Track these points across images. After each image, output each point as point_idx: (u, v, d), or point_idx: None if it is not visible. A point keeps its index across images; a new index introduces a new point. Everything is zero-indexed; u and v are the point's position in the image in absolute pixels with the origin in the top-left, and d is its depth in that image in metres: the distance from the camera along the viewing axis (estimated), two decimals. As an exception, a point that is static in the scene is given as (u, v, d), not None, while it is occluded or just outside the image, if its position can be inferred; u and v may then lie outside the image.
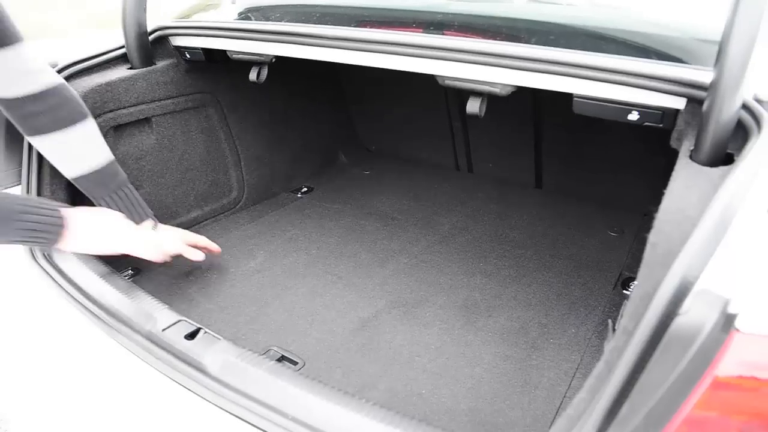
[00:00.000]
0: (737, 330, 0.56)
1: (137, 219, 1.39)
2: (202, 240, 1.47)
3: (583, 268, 1.53)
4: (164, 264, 1.37)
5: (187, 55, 1.58)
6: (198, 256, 1.41)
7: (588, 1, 1.31)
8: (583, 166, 1.86)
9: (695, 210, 0.72)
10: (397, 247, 1.65)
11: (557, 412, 1.09)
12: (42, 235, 1.12)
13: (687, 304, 0.62)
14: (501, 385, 1.16)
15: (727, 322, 0.57)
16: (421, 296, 1.44)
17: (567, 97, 1.04)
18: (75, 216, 1.16)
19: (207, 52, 1.53)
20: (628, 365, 0.63)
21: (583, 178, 1.87)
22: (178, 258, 1.39)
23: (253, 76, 1.53)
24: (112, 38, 1.55)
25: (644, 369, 0.62)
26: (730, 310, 0.58)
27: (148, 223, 1.41)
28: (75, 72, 1.41)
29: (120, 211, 1.34)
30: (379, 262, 1.58)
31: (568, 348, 1.25)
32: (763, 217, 0.68)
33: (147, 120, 1.57)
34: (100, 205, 1.33)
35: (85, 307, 1.11)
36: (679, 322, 0.61)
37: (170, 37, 1.58)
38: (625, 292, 1.42)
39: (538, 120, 1.83)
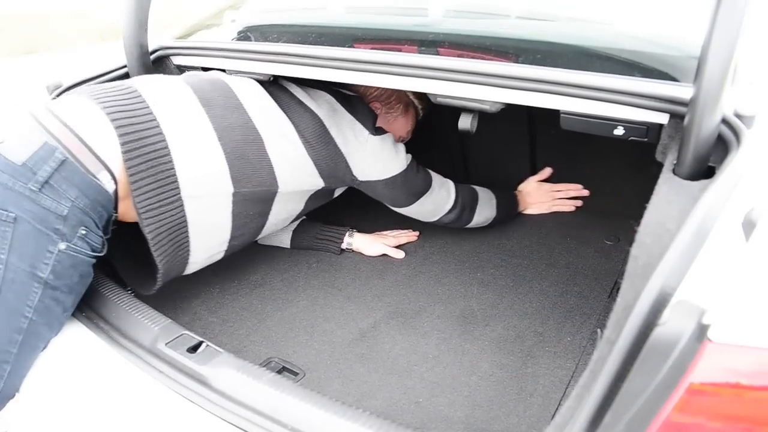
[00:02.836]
0: (710, 340, 0.59)
1: (338, 242, 1.72)
2: (402, 238, 1.77)
3: (579, 276, 1.56)
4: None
5: (188, 74, 1.62)
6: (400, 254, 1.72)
7: (576, 17, 1.34)
8: (579, 175, 1.89)
9: (675, 223, 0.75)
10: (393, 259, 1.68)
11: (552, 418, 1.11)
12: (514, 213, 1.85)
13: (666, 314, 0.64)
14: (497, 393, 1.19)
15: (701, 332, 0.60)
16: (419, 306, 1.47)
17: (558, 111, 1.08)
18: (521, 193, 1.88)
19: (206, 71, 1.57)
20: (611, 374, 0.66)
21: (578, 187, 1.90)
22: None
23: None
24: (116, 53, 1.59)
25: (626, 377, 0.65)
26: (705, 320, 0.61)
27: (348, 238, 1.73)
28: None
29: (325, 244, 1.72)
30: (378, 273, 1.61)
31: (564, 356, 1.28)
32: (737, 229, 0.71)
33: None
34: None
35: (89, 320, 1.14)
36: (658, 332, 0.64)
37: (171, 57, 1.62)
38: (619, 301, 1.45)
39: (533, 131, 1.86)
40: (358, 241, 1.70)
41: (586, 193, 1.89)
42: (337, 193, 1.62)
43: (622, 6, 1.37)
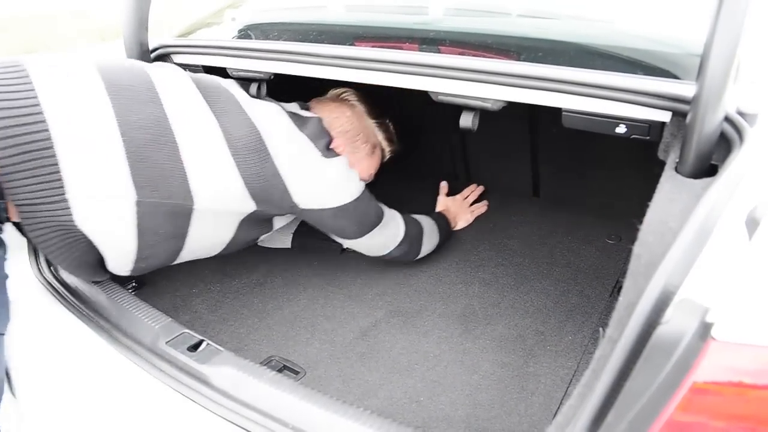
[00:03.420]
0: (713, 338, 0.58)
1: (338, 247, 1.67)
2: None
3: (580, 275, 1.55)
4: (167, 277, 1.41)
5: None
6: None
7: (577, 15, 1.34)
8: (581, 174, 1.88)
9: (677, 221, 0.74)
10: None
11: (553, 418, 1.11)
12: (450, 232, 1.75)
13: (669, 313, 0.64)
14: (498, 392, 1.18)
15: (704, 330, 0.60)
16: (420, 305, 1.46)
17: (560, 109, 1.07)
18: (444, 212, 1.79)
19: (207, 69, 1.56)
20: (614, 373, 0.66)
21: (580, 186, 1.89)
22: (181, 271, 1.42)
23: (253, 91, 1.56)
24: (117, 52, 1.59)
25: (629, 376, 0.65)
26: (708, 319, 0.60)
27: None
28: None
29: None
30: (379, 272, 1.61)
31: (565, 355, 1.27)
32: (740, 227, 0.71)
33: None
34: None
35: (90, 319, 1.14)
36: (661, 331, 0.63)
37: (172, 55, 1.61)
38: (620, 299, 1.45)
39: (534, 129, 1.86)
40: None
41: (482, 189, 1.98)
42: (278, 224, 1.47)
43: (623, 4, 1.37)
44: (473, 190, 1.95)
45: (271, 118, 1.27)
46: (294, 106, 1.42)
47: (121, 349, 1.05)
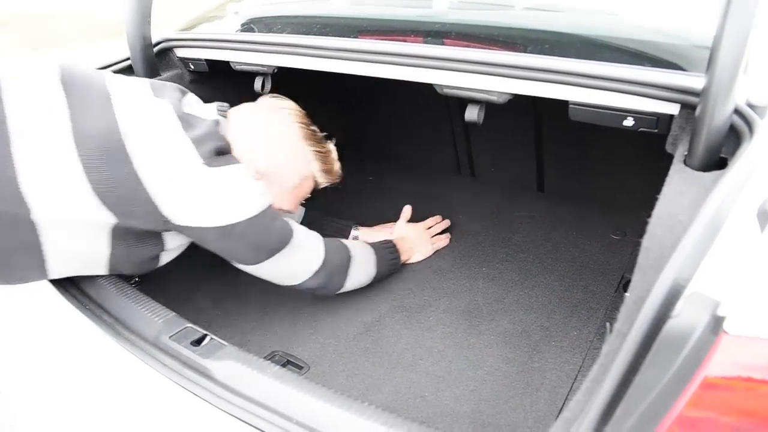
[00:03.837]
0: (725, 332, 0.57)
1: (346, 235, 1.67)
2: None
3: (585, 271, 1.54)
4: (170, 271, 1.40)
5: (191, 66, 1.61)
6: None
7: (583, 8, 1.33)
8: (585, 169, 1.87)
9: (687, 214, 0.74)
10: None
11: (559, 413, 1.11)
12: (397, 265, 1.56)
13: (679, 306, 0.63)
14: (503, 388, 1.18)
15: (716, 324, 0.59)
16: (424, 301, 1.46)
17: (566, 102, 1.06)
18: (397, 242, 1.57)
19: (210, 63, 1.56)
20: (623, 367, 0.65)
21: (585, 181, 1.88)
22: (184, 266, 1.41)
23: (257, 86, 1.55)
24: (120, 47, 1.58)
25: (638, 371, 0.64)
26: (719, 312, 0.59)
27: (354, 231, 1.68)
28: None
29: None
30: (383, 267, 1.60)
31: (570, 350, 1.26)
32: (751, 220, 0.70)
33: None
34: None
35: (93, 314, 1.13)
36: (671, 324, 0.62)
37: (174, 49, 1.61)
38: (626, 294, 1.44)
39: (539, 124, 1.85)
40: (363, 237, 1.66)
41: (448, 223, 1.78)
42: (173, 242, 1.21)
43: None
44: (438, 221, 1.77)
45: (144, 116, 1.07)
46: (196, 107, 1.19)
47: (124, 343, 1.04)
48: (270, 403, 0.89)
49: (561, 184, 1.94)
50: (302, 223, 1.63)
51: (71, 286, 1.19)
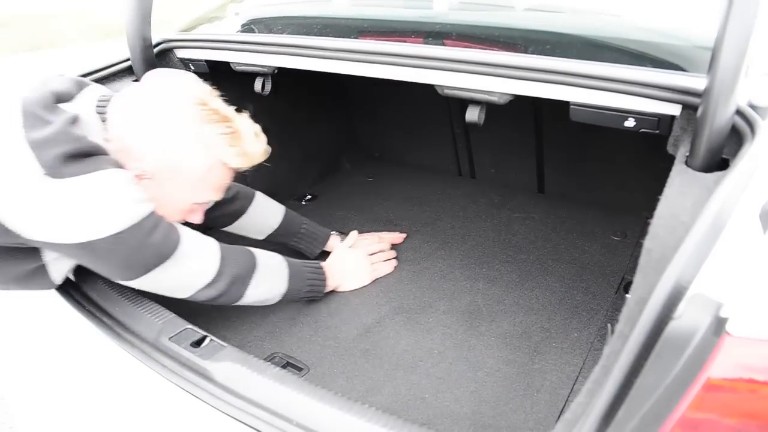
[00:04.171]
0: (728, 334, 0.57)
1: (322, 243, 1.62)
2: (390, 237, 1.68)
3: (585, 272, 1.54)
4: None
5: (192, 67, 1.61)
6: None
7: (584, 9, 1.32)
8: (586, 171, 1.87)
9: (689, 215, 0.73)
10: (400, 253, 1.66)
11: (560, 415, 1.10)
12: (319, 288, 1.42)
13: (681, 308, 0.63)
14: (503, 389, 1.17)
15: (719, 325, 0.59)
16: (424, 302, 1.45)
17: (567, 103, 1.06)
18: (328, 266, 1.46)
19: (211, 63, 1.56)
20: (625, 369, 0.64)
21: (585, 183, 1.88)
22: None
23: (257, 86, 1.55)
24: (120, 47, 1.58)
25: (640, 372, 0.64)
26: (722, 314, 0.59)
27: (335, 239, 1.64)
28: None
29: (307, 245, 1.59)
30: (383, 268, 1.60)
31: (571, 352, 1.26)
32: (753, 221, 0.70)
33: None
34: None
35: (93, 315, 1.13)
36: (673, 326, 0.62)
37: (175, 50, 1.60)
38: (627, 296, 1.43)
39: (539, 125, 1.85)
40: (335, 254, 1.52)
41: (402, 237, 1.71)
42: (49, 256, 1.08)
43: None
44: (384, 247, 1.63)
45: None
46: (49, 103, 1.02)
47: (124, 344, 1.04)
48: (270, 404, 0.88)
49: (561, 186, 1.94)
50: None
51: (72, 288, 1.18)
